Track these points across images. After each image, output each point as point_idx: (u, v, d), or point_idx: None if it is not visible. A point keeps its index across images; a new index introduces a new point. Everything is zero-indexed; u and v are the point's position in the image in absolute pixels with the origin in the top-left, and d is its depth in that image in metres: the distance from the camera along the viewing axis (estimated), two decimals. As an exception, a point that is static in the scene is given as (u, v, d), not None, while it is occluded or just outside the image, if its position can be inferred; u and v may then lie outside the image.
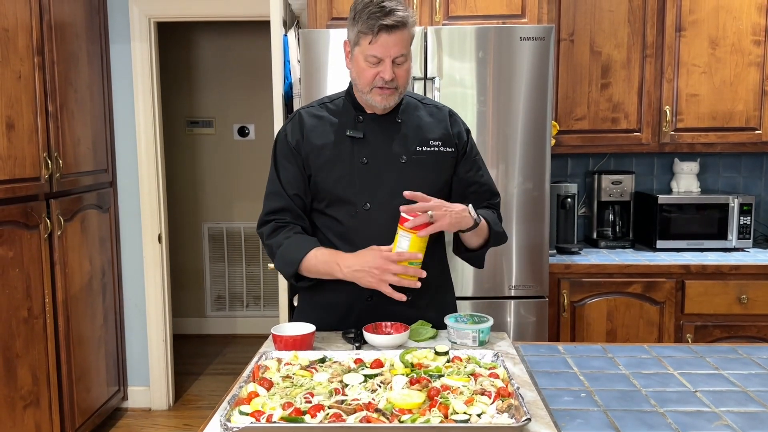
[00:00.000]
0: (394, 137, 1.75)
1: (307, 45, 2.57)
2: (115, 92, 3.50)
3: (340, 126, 1.75)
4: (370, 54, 1.63)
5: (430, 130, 1.77)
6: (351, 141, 1.73)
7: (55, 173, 2.82)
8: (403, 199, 1.67)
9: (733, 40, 3.03)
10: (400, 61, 1.64)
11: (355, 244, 1.72)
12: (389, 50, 1.62)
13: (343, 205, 1.74)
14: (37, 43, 2.70)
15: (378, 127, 1.75)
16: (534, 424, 1.13)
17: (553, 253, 3.03)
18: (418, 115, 1.79)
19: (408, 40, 1.65)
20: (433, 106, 1.84)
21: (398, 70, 1.65)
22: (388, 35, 1.60)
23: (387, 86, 1.65)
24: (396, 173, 1.73)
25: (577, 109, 3.10)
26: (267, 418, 1.14)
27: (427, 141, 1.76)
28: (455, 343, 1.63)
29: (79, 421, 3.04)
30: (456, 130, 1.81)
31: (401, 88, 1.68)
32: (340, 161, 1.73)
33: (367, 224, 1.72)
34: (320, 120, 1.77)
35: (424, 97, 1.87)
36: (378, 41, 1.61)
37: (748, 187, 3.46)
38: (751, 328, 2.86)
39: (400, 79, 1.66)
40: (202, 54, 4.92)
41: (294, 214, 1.76)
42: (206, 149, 4.99)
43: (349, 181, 1.72)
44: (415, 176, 1.73)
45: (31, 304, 2.66)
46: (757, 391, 1.39)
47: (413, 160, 1.74)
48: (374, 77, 1.65)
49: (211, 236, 5.04)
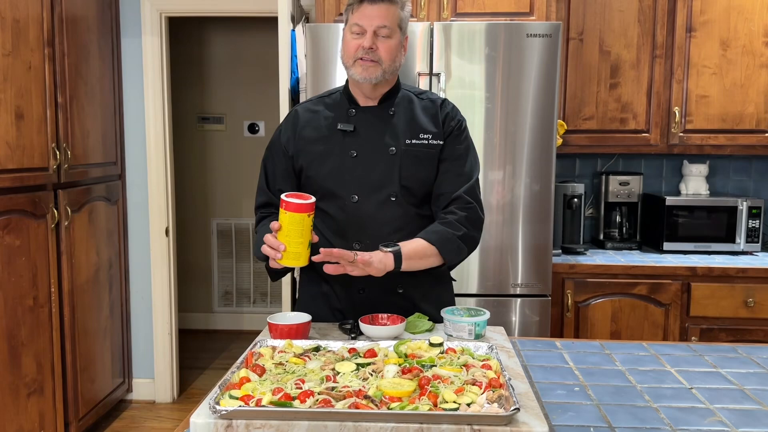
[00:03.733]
0: (386, 129, 1.74)
1: (314, 39, 2.58)
2: (126, 86, 3.53)
3: (333, 120, 1.77)
4: (353, 23, 1.67)
5: (423, 123, 1.76)
6: (342, 134, 1.74)
7: (64, 164, 2.85)
8: (390, 191, 1.69)
9: (744, 41, 3.01)
10: (383, 34, 1.67)
11: (346, 238, 1.73)
12: (372, 20, 1.65)
13: (333, 199, 1.74)
14: (48, 35, 2.73)
15: (370, 119, 1.75)
16: (523, 415, 1.12)
17: (559, 253, 3.02)
18: (412, 108, 1.78)
19: (393, 16, 1.67)
20: (427, 99, 1.81)
21: (381, 43, 1.67)
22: (371, 5, 1.65)
23: (368, 56, 1.66)
24: (385, 165, 1.72)
25: (586, 109, 3.08)
26: (256, 402, 1.14)
27: (417, 134, 1.74)
28: (451, 336, 1.62)
29: (83, 411, 3.06)
30: (444, 117, 1.77)
31: (385, 63, 1.68)
32: (331, 155, 1.74)
33: (356, 217, 1.73)
34: (315, 114, 1.80)
35: (421, 90, 1.84)
36: (360, 10, 1.66)
37: (759, 190, 3.42)
38: (757, 332, 2.83)
39: (383, 52, 1.67)
40: (214, 50, 4.95)
41: (277, 207, 1.76)
42: (216, 145, 5.02)
43: (339, 175, 1.73)
44: (405, 169, 1.72)
45: (37, 292, 2.68)
46: (754, 389, 1.38)
47: (403, 153, 1.73)
48: (357, 48, 1.68)
49: (220, 232, 5.06)
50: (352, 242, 1.73)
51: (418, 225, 1.75)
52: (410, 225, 1.75)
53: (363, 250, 1.69)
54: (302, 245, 1.54)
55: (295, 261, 1.56)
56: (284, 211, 1.52)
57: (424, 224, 1.76)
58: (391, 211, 1.73)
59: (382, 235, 1.71)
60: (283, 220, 1.53)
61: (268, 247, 1.56)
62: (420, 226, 1.75)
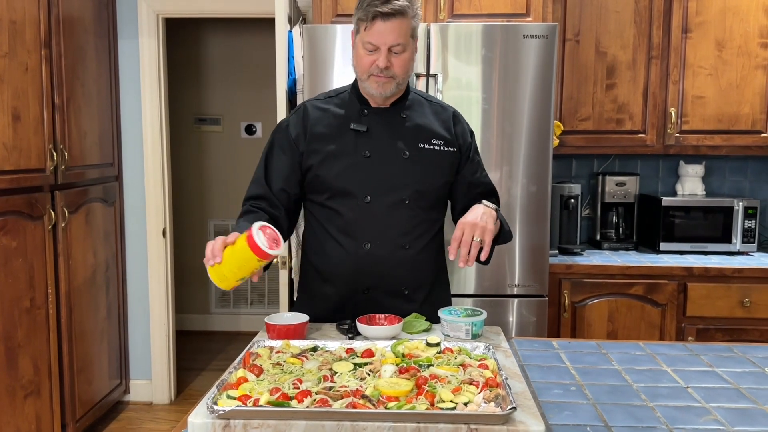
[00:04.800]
0: (398, 132, 1.75)
1: (311, 40, 2.59)
2: (123, 87, 3.53)
3: (344, 119, 1.76)
4: (366, 41, 1.64)
5: (434, 128, 1.78)
6: (355, 134, 1.74)
7: (61, 165, 2.85)
8: (403, 194, 1.70)
9: (739, 42, 3.02)
10: (397, 51, 1.64)
11: (355, 237, 1.73)
12: (384, 38, 1.62)
13: (345, 198, 1.74)
14: (44, 36, 2.73)
15: (382, 121, 1.75)
16: (520, 414, 1.13)
17: (555, 254, 3.02)
18: (423, 113, 1.79)
19: (406, 30, 1.64)
20: (438, 105, 1.84)
21: (395, 59, 1.65)
22: (383, 22, 1.61)
23: (382, 75, 1.65)
24: (398, 168, 1.73)
25: (582, 110, 3.09)
26: (254, 402, 1.14)
27: (430, 139, 1.76)
28: (448, 336, 1.63)
29: (80, 413, 3.06)
30: (459, 130, 1.82)
31: (399, 77, 1.68)
32: (343, 154, 1.73)
33: (367, 217, 1.73)
34: (325, 113, 1.78)
35: (429, 95, 1.87)
36: (373, 28, 1.62)
37: (754, 191, 3.43)
38: (753, 332, 2.83)
39: (398, 68, 1.66)
40: (211, 52, 4.95)
41: (270, 203, 1.75)
42: (214, 147, 5.02)
43: (352, 174, 1.72)
44: (417, 173, 1.74)
45: (33, 294, 2.68)
46: (750, 389, 1.38)
47: (415, 157, 1.74)
48: (371, 65, 1.66)
49: (217, 233, 5.05)
50: (362, 242, 1.73)
51: (426, 229, 1.79)
52: (418, 228, 1.77)
53: (373, 250, 1.71)
54: (235, 276, 1.44)
55: (218, 280, 1.46)
56: (245, 240, 1.41)
57: (432, 228, 1.81)
58: (402, 214, 1.74)
59: (392, 236, 1.73)
60: (240, 245, 1.42)
61: (209, 248, 1.45)
62: (428, 230, 1.79)
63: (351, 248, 1.74)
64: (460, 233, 1.62)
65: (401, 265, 1.76)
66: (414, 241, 1.76)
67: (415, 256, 1.78)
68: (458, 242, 1.61)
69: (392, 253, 1.74)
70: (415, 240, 1.77)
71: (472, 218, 1.62)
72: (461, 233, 1.61)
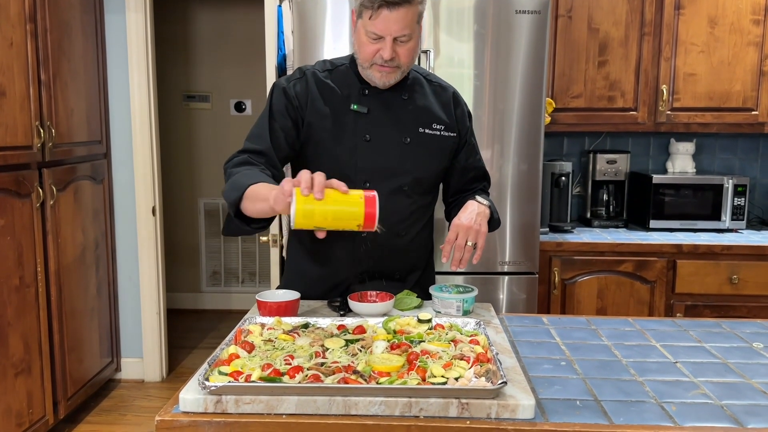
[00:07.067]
0: (399, 115, 1.70)
1: (301, 15, 2.55)
2: (110, 63, 3.48)
3: (344, 98, 1.68)
4: (370, 30, 1.55)
5: (434, 112, 1.73)
6: (355, 115, 1.67)
7: (48, 142, 2.81)
8: (402, 180, 1.69)
9: (732, 19, 3.01)
10: (403, 40, 1.56)
11: None
12: (390, 28, 1.53)
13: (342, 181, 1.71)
14: (29, 11, 2.67)
15: (383, 102, 1.69)
16: (510, 388, 1.14)
17: (546, 231, 3.03)
18: (424, 94, 1.74)
19: (412, 18, 1.55)
20: (438, 84, 1.78)
21: (400, 49, 1.57)
22: (389, 11, 1.52)
23: (387, 65, 1.58)
24: (397, 153, 1.69)
25: (574, 87, 3.08)
26: (245, 378, 1.14)
27: (430, 124, 1.72)
28: (440, 313, 1.63)
29: (72, 391, 3.06)
30: (459, 114, 1.78)
31: (404, 66, 1.62)
32: (343, 136, 1.67)
33: None
34: (325, 87, 1.69)
35: (429, 72, 1.81)
36: (379, 17, 1.53)
37: (744, 168, 3.45)
38: (741, 308, 2.87)
39: (402, 57, 1.59)
40: (200, 28, 4.89)
41: (270, 162, 1.64)
42: (203, 124, 4.97)
43: (350, 157, 1.67)
44: (416, 160, 1.71)
45: (23, 272, 2.66)
46: (737, 363, 1.40)
47: (415, 142, 1.70)
48: (374, 54, 1.58)
49: (207, 212, 5.04)
50: None
51: (422, 215, 1.79)
52: (415, 214, 1.76)
53: (369, 238, 1.68)
54: (325, 220, 1.27)
55: (301, 215, 1.24)
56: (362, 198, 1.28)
57: (426, 213, 1.80)
58: (401, 201, 1.72)
59: (390, 223, 1.70)
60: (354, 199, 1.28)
61: (307, 178, 1.26)
62: (422, 215, 1.79)
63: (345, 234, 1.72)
64: (453, 236, 1.63)
65: (396, 252, 1.76)
66: (409, 227, 1.76)
67: (409, 243, 1.77)
68: (451, 245, 1.62)
69: (388, 241, 1.66)
70: (410, 226, 1.76)
71: (467, 221, 1.63)
72: (455, 236, 1.62)
